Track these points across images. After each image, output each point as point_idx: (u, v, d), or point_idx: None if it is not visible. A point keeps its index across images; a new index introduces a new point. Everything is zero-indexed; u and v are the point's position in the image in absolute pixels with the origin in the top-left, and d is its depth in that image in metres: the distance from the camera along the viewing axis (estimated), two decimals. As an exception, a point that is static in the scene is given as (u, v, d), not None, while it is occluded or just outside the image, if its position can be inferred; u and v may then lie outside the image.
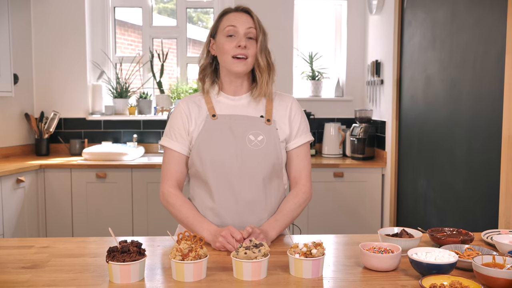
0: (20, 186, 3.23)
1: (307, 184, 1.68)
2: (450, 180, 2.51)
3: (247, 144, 1.59)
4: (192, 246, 1.26)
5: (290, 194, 1.66)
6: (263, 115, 1.65)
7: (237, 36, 1.59)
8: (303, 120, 1.70)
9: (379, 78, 3.60)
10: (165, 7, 4.47)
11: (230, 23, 1.60)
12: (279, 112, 1.67)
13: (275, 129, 1.64)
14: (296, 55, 4.12)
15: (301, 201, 1.65)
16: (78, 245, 1.51)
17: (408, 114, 3.10)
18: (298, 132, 1.68)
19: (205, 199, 1.62)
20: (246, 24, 1.60)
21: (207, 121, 1.62)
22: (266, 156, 1.60)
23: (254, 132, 1.61)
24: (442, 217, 2.60)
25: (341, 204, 3.55)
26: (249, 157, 1.58)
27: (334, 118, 4.07)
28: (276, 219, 1.58)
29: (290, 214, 1.61)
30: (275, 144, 1.62)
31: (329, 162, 3.57)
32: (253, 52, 1.60)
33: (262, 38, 1.62)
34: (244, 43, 1.58)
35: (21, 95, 3.80)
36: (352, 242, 1.56)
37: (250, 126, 1.62)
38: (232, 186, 1.59)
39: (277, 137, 1.63)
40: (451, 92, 2.48)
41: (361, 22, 4.02)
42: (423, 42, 2.82)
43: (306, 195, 1.67)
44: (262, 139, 1.61)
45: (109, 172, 3.44)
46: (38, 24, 3.95)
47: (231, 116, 1.63)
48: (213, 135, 1.60)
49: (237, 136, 1.60)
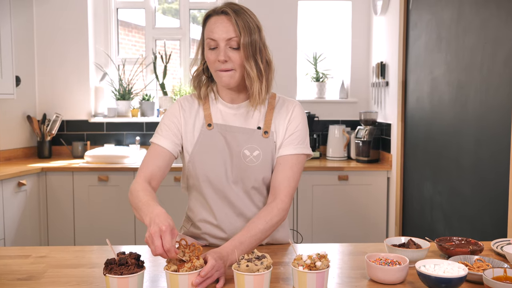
0: (22, 190, 3.20)
1: (285, 200, 1.48)
2: (456, 185, 2.46)
3: (242, 160, 1.51)
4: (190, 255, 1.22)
5: (265, 210, 1.45)
6: (260, 126, 1.54)
7: (218, 49, 1.45)
8: (300, 129, 1.54)
9: (384, 80, 3.55)
10: (169, 7, 4.44)
11: (209, 36, 1.45)
12: (279, 120, 1.55)
13: (273, 142, 1.53)
14: (300, 57, 4.07)
15: (274, 221, 1.43)
16: (76, 255, 1.47)
17: (413, 116, 3.05)
18: (288, 140, 1.52)
19: (204, 212, 1.58)
20: (225, 34, 1.43)
21: (202, 131, 1.54)
22: (262, 173, 1.52)
23: (250, 146, 1.52)
24: (449, 222, 2.56)
25: (346, 207, 3.50)
26: (245, 172, 1.51)
27: (338, 120, 4.02)
28: (241, 241, 1.35)
29: (258, 236, 1.40)
30: (272, 160, 1.53)
31: (334, 165, 3.53)
32: (239, 62, 1.44)
33: (248, 42, 1.43)
34: (223, 58, 1.43)
35: (23, 97, 3.78)
36: (358, 251, 1.52)
37: (246, 139, 1.52)
38: (229, 201, 1.54)
39: (274, 151, 1.53)
40: (457, 95, 2.43)
41: (366, 23, 3.98)
42: (429, 44, 2.77)
43: (281, 213, 1.46)
44: (258, 155, 1.52)
45: (111, 175, 3.41)
46: (40, 25, 3.92)
47: (227, 127, 1.54)
48: (208, 150, 1.52)
49: (232, 151, 1.52)
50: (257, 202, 1.57)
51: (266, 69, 1.48)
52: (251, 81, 1.46)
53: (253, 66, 1.45)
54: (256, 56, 1.46)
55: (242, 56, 1.44)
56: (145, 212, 1.28)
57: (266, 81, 1.48)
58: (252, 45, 1.44)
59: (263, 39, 1.50)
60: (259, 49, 1.47)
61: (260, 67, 1.46)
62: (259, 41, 1.47)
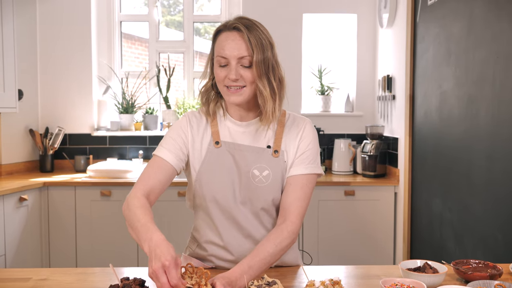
0: (23, 205, 3.15)
1: (296, 222, 1.42)
2: (468, 202, 2.40)
3: (250, 180, 1.45)
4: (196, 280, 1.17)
5: (274, 232, 1.39)
6: (270, 145, 1.48)
7: (229, 66, 1.40)
8: (311, 148, 1.49)
9: (390, 94, 3.50)
10: (173, 20, 4.42)
11: (220, 53, 1.40)
12: (290, 139, 1.50)
13: (283, 161, 1.47)
14: (305, 70, 4.03)
15: (284, 244, 1.38)
16: (77, 278, 1.42)
17: (421, 130, 3.00)
18: (299, 159, 1.47)
19: (210, 233, 1.52)
20: (236, 52, 1.38)
21: (209, 149, 1.48)
22: (271, 193, 1.47)
23: (259, 166, 1.46)
24: (460, 241, 2.49)
25: (353, 223, 3.44)
26: (254, 193, 1.46)
27: (344, 134, 3.97)
28: (250, 266, 1.29)
29: (268, 260, 1.34)
30: (282, 180, 1.48)
31: (340, 180, 3.47)
32: (250, 79, 1.39)
33: (261, 59, 1.38)
34: (234, 76, 1.38)
35: (25, 111, 3.74)
36: (370, 275, 1.46)
37: (256, 159, 1.46)
38: (237, 222, 1.48)
39: (284, 171, 1.48)
40: (468, 110, 2.38)
41: (372, 36, 3.94)
42: (437, 58, 2.73)
43: (291, 236, 1.40)
44: (267, 175, 1.46)
45: (114, 190, 3.36)
46: (43, 39, 3.90)
47: (235, 146, 1.48)
48: (215, 169, 1.46)
49: (241, 170, 1.46)
50: (266, 223, 1.51)
51: (278, 87, 1.43)
52: (264, 100, 1.41)
53: (266, 84, 1.40)
54: (269, 74, 1.41)
55: (255, 74, 1.39)
56: (143, 237, 1.23)
57: (279, 99, 1.43)
58: (265, 62, 1.39)
59: (275, 55, 1.44)
60: (271, 66, 1.42)
61: (273, 85, 1.41)
62: (271, 58, 1.42)
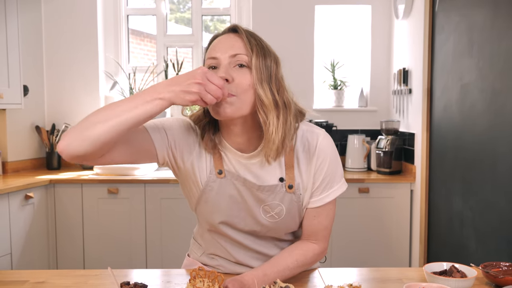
0: (29, 203, 3.08)
1: (324, 246, 1.31)
2: (491, 200, 2.27)
3: (261, 215, 1.26)
4: (209, 284, 1.07)
5: (299, 248, 1.28)
6: (283, 178, 1.24)
7: (218, 69, 1.15)
8: (331, 171, 1.25)
9: (406, 87, 3.37)
10: (182, 17, 4.32)
11: (211, 54, 1.17)
12: (303, 167, 1.25)
13: (299, 195, 1.25)
14: (317, 63, 3.91)
15: (306, 263, 1.28)
16: (77, 280, 1.32)
17: (440, 125, 2.87)
18: (319, 188, 1.26)
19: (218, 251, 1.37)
20: (230, 50, 1.15)
21: (211, 178, 1.24)
22: (285, 228, 1.30)
23: (271, 203, 1.24)
24: (482, 241, 2.36)
25: (368, 221, 3.32)
26: (264, 228, 1.28)
27: (357, 130, 3.85)
28: (266, 274, 1.19)
29: (286, 273, 1.23)
30: (298, 213, 1.29)
31: (354, 177, 3.35)
32: (244, 83, 1.13)
33: (261, 64, 1.14)
34: (223, 75, 1.11)
35: (31, 107, 3.67)
36: (388, 278, 1.34)
37: (267, 197, 1.24)
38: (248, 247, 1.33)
39: (300, 204, 1.27)
40: (492, 103, 2.25)
41: (387, 28, 3.81)
42: (458, 48, 2.60)
43: (318, 258, 1.31)
44: (280, 211, 1.25)
45: (121, 187, 3.27)
46: (49, 33, 3.82)
47: (241, 180, 1.24)
48: (219, 201, 1.25)
49: (249, 207, 1.25)
50: (283, 246, 1.36)
51: (283, 108, 1.16)
52: (266, 110, 1.13)
53: (268, 92, 1.13)
54: (272, 84, 1.15)
55: (254, 77, 1.13)
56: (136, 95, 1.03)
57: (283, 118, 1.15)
58: (267, 69, 1.15)
59: (280, 73, 1.19)
60: (275, 80, 1.17)
61: (276, 99, 1.14)
62: (275, 70, 1.17)
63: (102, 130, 1.01)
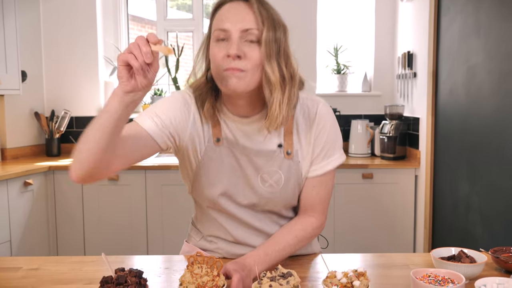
0: (28, 190, 3.04)
1: (322, 219, 1.29)
2: (498, 185, 2.22)
3: (259, 185, 1.23)
4: (207, 270, 1.03)
5: (298, 223, 1.26)
6: (281, 144, 1.23)
7: (229, 41, 1.11)
8: (331, 139, 1.24)
9: (411, 71, 3.31)
10: (184, 4, 4.23)
11: (220, 26, 1.12)
12: (302, 135, 1.24)
13: (297, 162, 1.24)
14: (320, 48, 3.84)
15: (306, 237, 1.26)
16: (72, 267, 1.28)
17: (446, 109, 2.81)
18: (319, 156, 1.24)
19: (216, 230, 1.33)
20: (241, 24, 1.10)
21: (208, 146, 1.23)
22: (284, 198, 1.26)
23: (270, 170, 1.22)
24: (489, 226, 2.32)
25: (371, 208, 3.27)
26: (262, 198, 1.25)
27: (361, 115, 3.79)
28: (267, 253, 1.18)
29: (286, 251, 1.22)
30: (296, 183, 1.26)
31: (357, 163, 3.30)
32: (255, 61, 1.11)
33: (271, 36, 1.11)
34: (236, 51, 1.09)
35: (30, 93, 3.62)
36: (393, 264, 1.30)
37: (265, 163, 1.22)
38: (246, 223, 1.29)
39: (299, 173, 1.25)
40: (500, 85, 2.19)
41: (391, 11, 3.73)
42: (465, 30, 2.53)
43: (316, 231, 1.28)
44: (279, 179, 1.23)
45: (121, 174, 3.23)
46: (47, 18, 3.76)
47: (239, 147, 1.22)
48: (216, 170, 1.23)
49: (247, 175, 1.23)
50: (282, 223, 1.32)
51: (290, 81, 1.15)
52: (272, 88, 1.12)
53: (275, 69, 1.12)
54: (280, 59, 1.13)
55: (263, 53, 1.10)
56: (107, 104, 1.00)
57: (288, 95, 1.14)
58: (276, 43, 1.12)
59: (288, 43, 1.17)
60: (284, 52, 1.15)
61: (284, 74, 1.13)
62: (284, 42, 1.15)
63: (88, 147, 1.02)
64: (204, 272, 1.02)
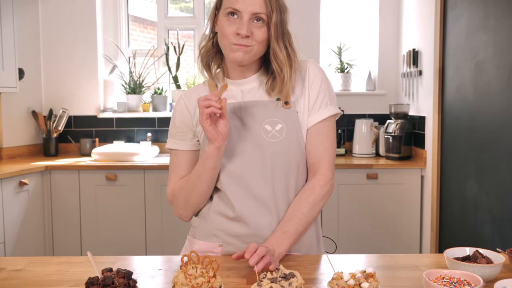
0: (24, 190, 2.96)
1: (328, 174, 1.31)
2: (509, 182, 2.13)
3: (263, 136, 1.28)
4: (202, 271, 0.94)
5: (305, 190, 1.30)
6: (279, 97, 1.31)
7: (239, 19, 1.24)
8: (323, 89, 1.33)
9: (416, 69, 3.22)
10: (187, 7, 4.15)
11: (232, 5, 1.24)
12: (297, 88, 1.33)
13: (295, 112, 1.31)
14: (323, 46, 3.76)
15: (318, 198, 1.28)
16: (58, 268, 1.20)
17: (453, 107, 2.72)
18: (316, 104, 1.32)
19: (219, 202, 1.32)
20: (251, 7, 1.22)
21: None
22: (288, 149, 1.29)
23: (271, 120, 1.29)
24: (499, 227, 2.23)
25: (376, 209, 3.18)
26: (268, 151, 1.27)
27: (365, 114, 3.71)
28: (284, 231, 1.23)
29: (303, 221, 1.26)
30: (297, 134, 1.30)
31: (361, 163, 3.21)
32: (261, 38, 1.25)
33: (278, 19, 1.24)
34: (245, 32, 1.22)
35: (27, 91, 3.54)
36: (403, 265, 1.22)
37: (266, 113, 1.30)
38: (251, 190, 1.27)
39: (298, 123, 1.31)
40: (509, 80, 2.11)
41: (395, 8, 3.65)
42: (473, 24, 2.44)
43: (325, 188, 1.30)
44: (281, 128, 1.29)
45: (119, 173, 3.15)
46: (46, 15, 3.69)
47: (240, 104, 1.31)
48: None
49: (250, 129, 1.29)
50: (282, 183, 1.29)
51: (294, 56, 1.30)
52: (281, 65, 1.27)
53: (282, 48, 1.27)
54: (284, 38, 1.28)
55: (272, 35, 1.25)
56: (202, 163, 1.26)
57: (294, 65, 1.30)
58: (282, 25, 1.26)
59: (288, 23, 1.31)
60: (286, 32, 1.29)
61: (289, 51, 1.29)
62: (286, 23, 1.29)
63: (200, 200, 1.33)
64: (199, 273, 0.94)
